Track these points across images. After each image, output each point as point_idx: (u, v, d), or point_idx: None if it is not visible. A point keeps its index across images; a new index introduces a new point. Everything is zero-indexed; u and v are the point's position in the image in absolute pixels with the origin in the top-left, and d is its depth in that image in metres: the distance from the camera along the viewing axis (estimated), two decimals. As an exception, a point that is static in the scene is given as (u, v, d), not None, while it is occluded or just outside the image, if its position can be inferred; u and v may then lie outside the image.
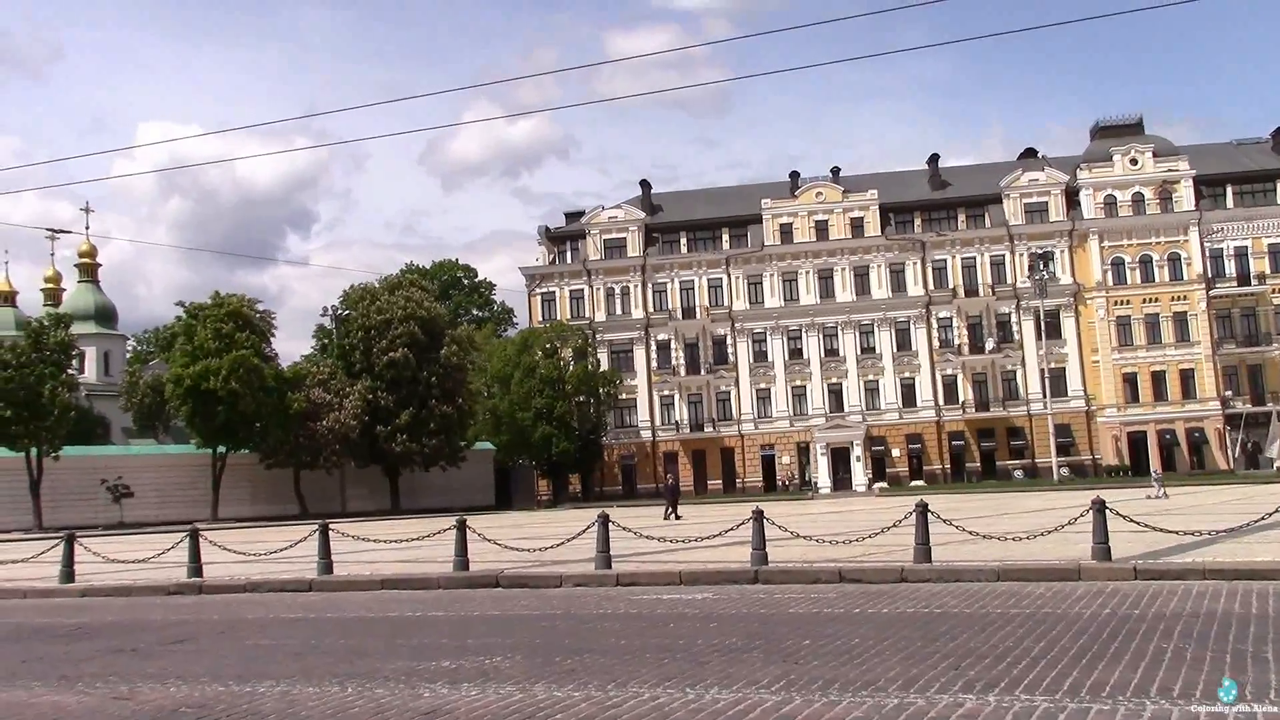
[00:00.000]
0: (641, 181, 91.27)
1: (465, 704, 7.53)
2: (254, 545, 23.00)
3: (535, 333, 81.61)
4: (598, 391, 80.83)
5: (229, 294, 67.50)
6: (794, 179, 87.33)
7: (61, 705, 8.19)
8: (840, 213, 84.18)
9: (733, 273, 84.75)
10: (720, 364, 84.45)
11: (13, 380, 58.03)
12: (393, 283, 75.10)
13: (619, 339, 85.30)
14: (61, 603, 17.53)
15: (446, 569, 17.57)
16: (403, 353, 69.06)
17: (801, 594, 13.75)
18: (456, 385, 72.12)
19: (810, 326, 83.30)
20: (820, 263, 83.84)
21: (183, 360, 63.20)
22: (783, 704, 7.09)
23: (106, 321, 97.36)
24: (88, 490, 62.46)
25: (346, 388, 67.98)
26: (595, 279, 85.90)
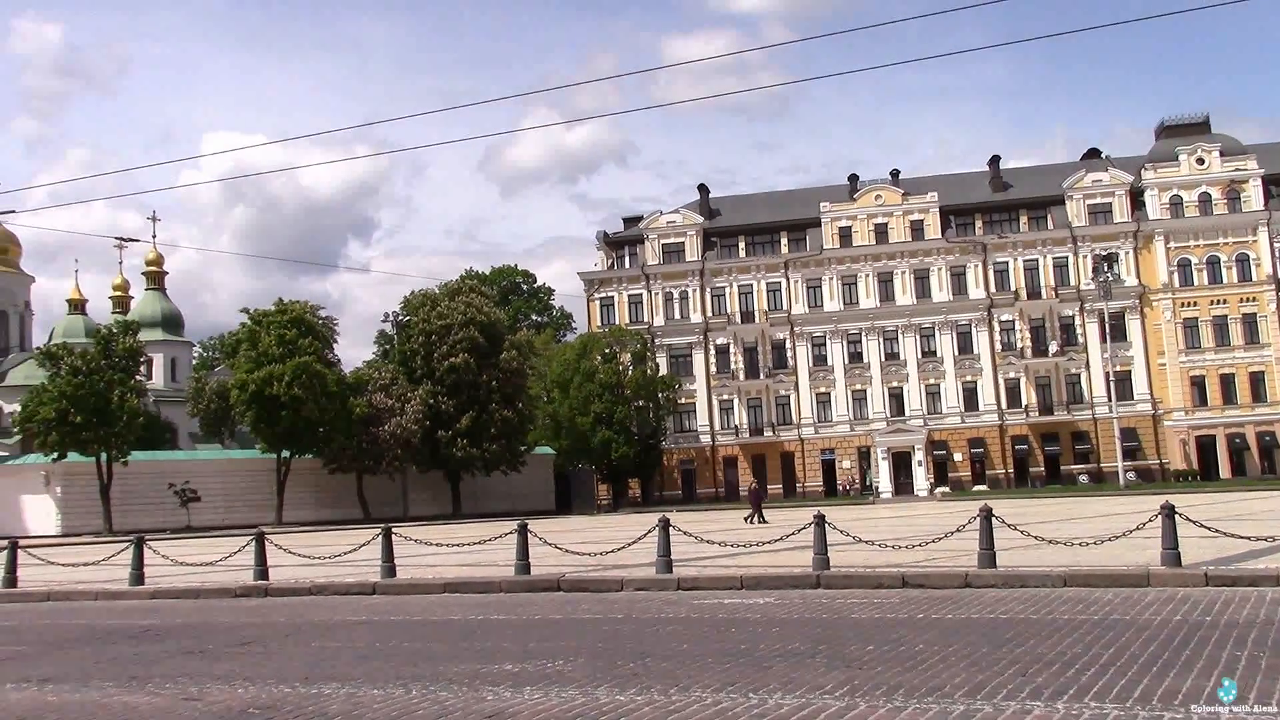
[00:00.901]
0: (699, 186, 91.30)
1: (528, 707, 7.55)
2: (318, 549, 23.24)
3: (594, 337, 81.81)
4: (656, 396, 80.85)
5: (292, 300, 68.28)
6: (853, 182, 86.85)
7: (133, 706, 8.32)
8: (900, 215, 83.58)
9: (791, 276, 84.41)
10: (779, 368, 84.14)
11: (83, 387, 59.05)
12: (453, 288, 75.57)
13: (677, 343, 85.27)
14: (132, 605, 17.82)
15: (508, 573, 17.64)
16: (463, 358, 69.45)
17: (864, 599, 13.65)
18: (516, 390, 72.42)
19: (870, 330, 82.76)
20: (880, 266, 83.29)
21: (247, 366, 64.00)
22: (847, 710, 7.04)
23: (173, 328, 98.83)
24: (156, 495, 63.43)
25: (408, 393, 68.48)
26: (654, 283, 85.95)
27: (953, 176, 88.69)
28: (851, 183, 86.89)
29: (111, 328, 66.33)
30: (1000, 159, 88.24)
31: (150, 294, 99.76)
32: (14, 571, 20.59)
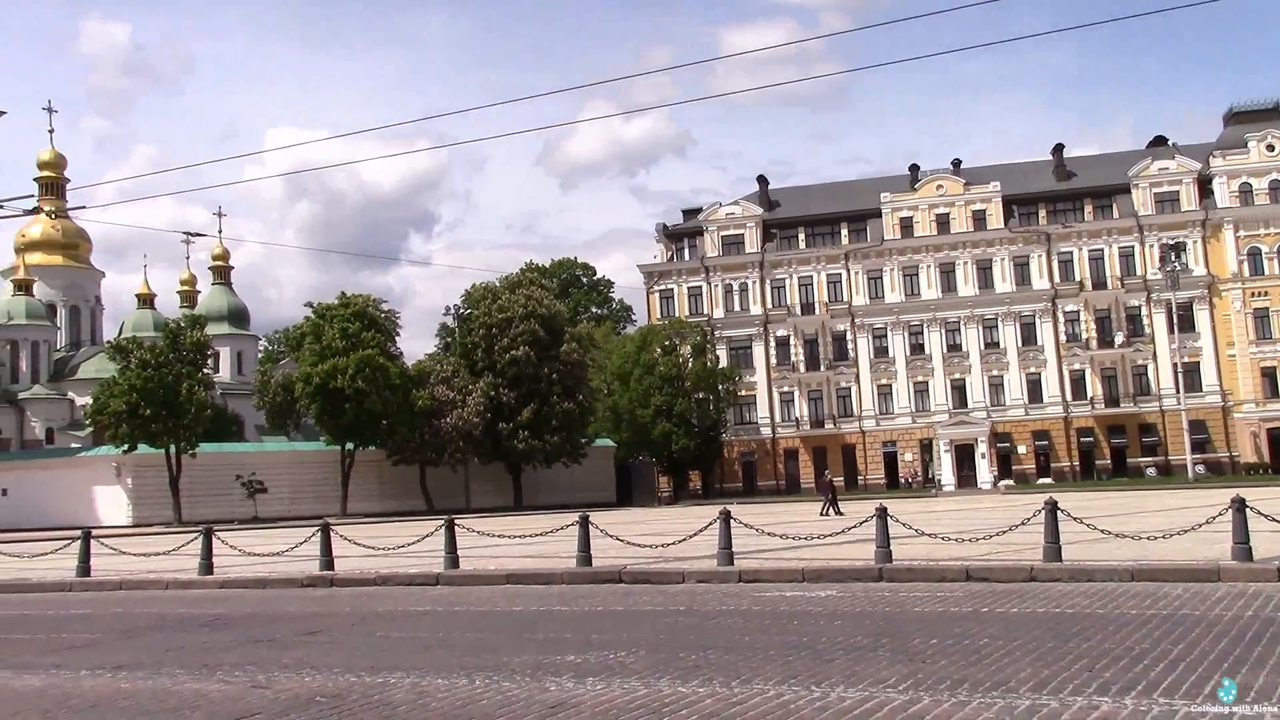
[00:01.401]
0: (759, 177, 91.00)
1: (591, 698, 7.59)
2: (382, 540, 23.49)
3: (654, 330, 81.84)
4: (717, 388, 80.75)
5: (355, 294, 68.98)
6: (914, 172, 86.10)
7: (203, 693, 8.47)
8: (962, 205, 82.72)
9: (852, 268, 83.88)
10: (840, 360, 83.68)
11: (152, 380, 60.10)
12: (513, 281, 75.94)
13: (737, 335, 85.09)
14: (201, 594, 18.13)
15: (570, 564, 17.72)
16: (524, 350, 69.80)
17: (927, 592, 13.55)
18: (577, 382, 72.67)
19: (932, 321, 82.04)
20: (942, 256, 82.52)
21: (311, 359, 64.78)
22: (910, 703, 7.00)
23: (239, 322, 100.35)
24: (223, 486, 64.43)
25: (469, 385, 68.96)
26: (713, 275, 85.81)
27: (1015, 166, 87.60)
28: (912, 173, 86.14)
29: (179, 322, 67.43)
30: (1064, 147, 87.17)
31: (217, 288, 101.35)
32: (87, 561, 21.01)
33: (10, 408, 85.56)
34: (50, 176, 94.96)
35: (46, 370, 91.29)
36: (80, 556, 21.04)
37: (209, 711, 7.70)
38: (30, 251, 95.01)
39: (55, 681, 9.34)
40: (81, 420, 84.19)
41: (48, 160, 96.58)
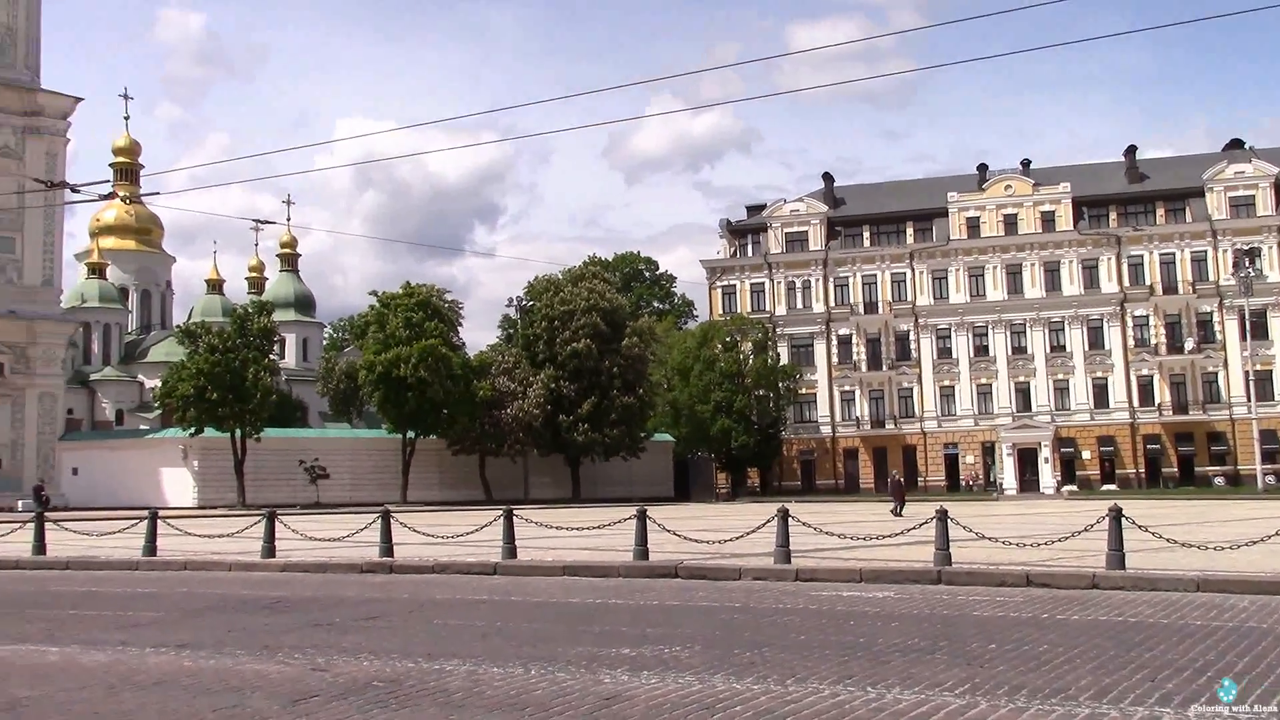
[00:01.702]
0: (824, 174, 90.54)
1: (645, 691, 7.60)
2: (441, 528, 23.68)
3: (715, 325, 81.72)
4: (777, 386, 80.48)
5: (419, 284, 69.53)
6: (982, 172, 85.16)
7: (263, 674, 8.60)
8: (1030, 206, 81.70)
9: (917, 267, 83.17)
10: (903, 360, 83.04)
11: (220, 364, 60.96)
12: (576, 274, 76.14)
13: (799, 333, 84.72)
14: (263, 576, 18.38)
15: (626, 558, 17.75)
16: (585, 343, 69.97)
17: (986, 597, 13.42)
18: (637, 376, 72.73)
19: (997, 323, 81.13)
20: (1009, 258, 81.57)
21: (375, 348, 65.40)
22: (968, 708, 6.94)
23: (305, 309, 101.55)
24: (287, 470, 65.23)
25: (530, 377, 69.25)
26: (776, 272, 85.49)
27: (1086, 167, 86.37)
28: (980, 172, 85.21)
29: (247, 307, 68.34)
30: (1137, 149, 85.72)
31: (284, 275, 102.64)
32: (154, 541, 21.39)
33: (82, 389, 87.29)
34: (125, 162, 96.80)
35: (117, 353, 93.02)
36: (147, 536, 21.43)
37: (269, 692, 7.82)
38: (104, 236, 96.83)
39: (121, 658, 9.52)
40: (150, 403, 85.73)
41: (123, 146, 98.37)
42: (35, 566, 21.05)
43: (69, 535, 25.96)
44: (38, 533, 22.70)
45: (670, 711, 6.98)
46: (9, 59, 67.30)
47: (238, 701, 7.49)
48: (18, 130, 66.96)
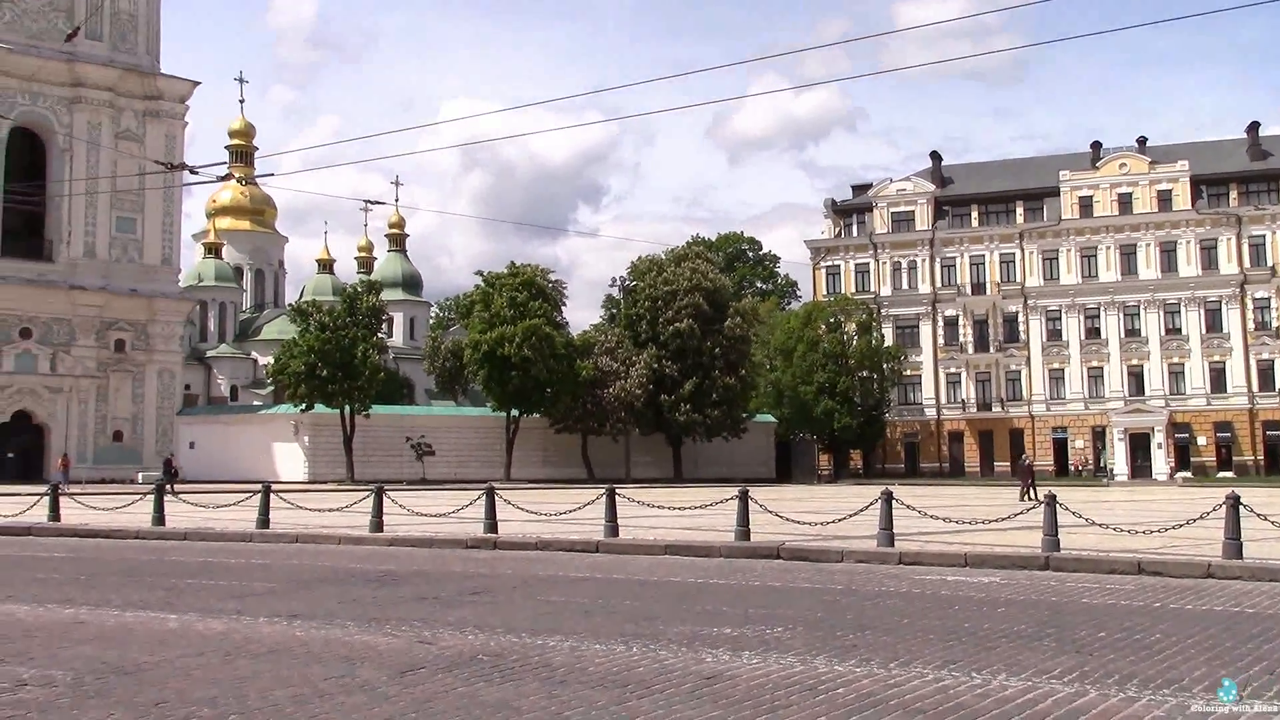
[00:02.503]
0: (932, 153, 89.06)
1: (747, 671, 7.61)
2: (544, 506, 23.93)
3: (819, 306, 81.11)
4: (881, 367, 79.65)
5: (524, 264, 70.07)
6: (1095, 149, 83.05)
7: (371, 645, 8.80)
8: (1146, 185, 79.45)
9: (1026, 247, 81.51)
10: (1011, 342, 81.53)
11: (330, 342, 62.22)
12: (679, 254, 76.04)
13: (904, 314, 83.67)
14: (371, 550, 18.78)
15: (728, 538, 17.76)
16: (688, 323, 69.93)
17: (1096, 584, 13.16)
18: (739, 357, 72.49)
19: (1110, 305, 79.17)
20: (1123, 238, 79.50)
21: (480, 327, 66.14)
22: (1076, 696, 6.82)
23: (412, 289, 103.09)
24: (394, 447, 66.38)
25: (633, 357, 69.46)
26: (881, 252, 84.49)
27: (1205, 144, 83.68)
28: (1094, 150, 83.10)
29: (356, 287, 69.59)
30: (1259, 125, 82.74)
31: (392, 255, 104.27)
32: (267, 514, 21.98)
33: (199, 365, 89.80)
34: (240, 145, 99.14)
35: (232, 330, 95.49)
36: (260, 509, 22.02)
37: (377, 663, 7.99)
38: (220, 216, 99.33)
39: (237, 626, 9.82)
40: (263, 379, 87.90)
41: (238, 129, 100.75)
42: (155, 537, 21.79)
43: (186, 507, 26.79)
44: (158, 504, 23.46)
45: (772, 692, 6.98)
46: (130, 44, 69.26)
47: (348, 671, 7.67)
48: (139, 114, 68.92)
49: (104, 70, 67.03)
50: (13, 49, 64.20)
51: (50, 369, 64.55)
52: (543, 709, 6.55)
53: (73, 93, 66.46)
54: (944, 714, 6.39)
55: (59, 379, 64.74)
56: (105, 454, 65.08)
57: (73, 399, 65.07)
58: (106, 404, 66.42)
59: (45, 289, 64.95)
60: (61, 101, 66.36)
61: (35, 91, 65.76)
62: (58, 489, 26.50)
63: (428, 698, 6.85)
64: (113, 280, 66.91)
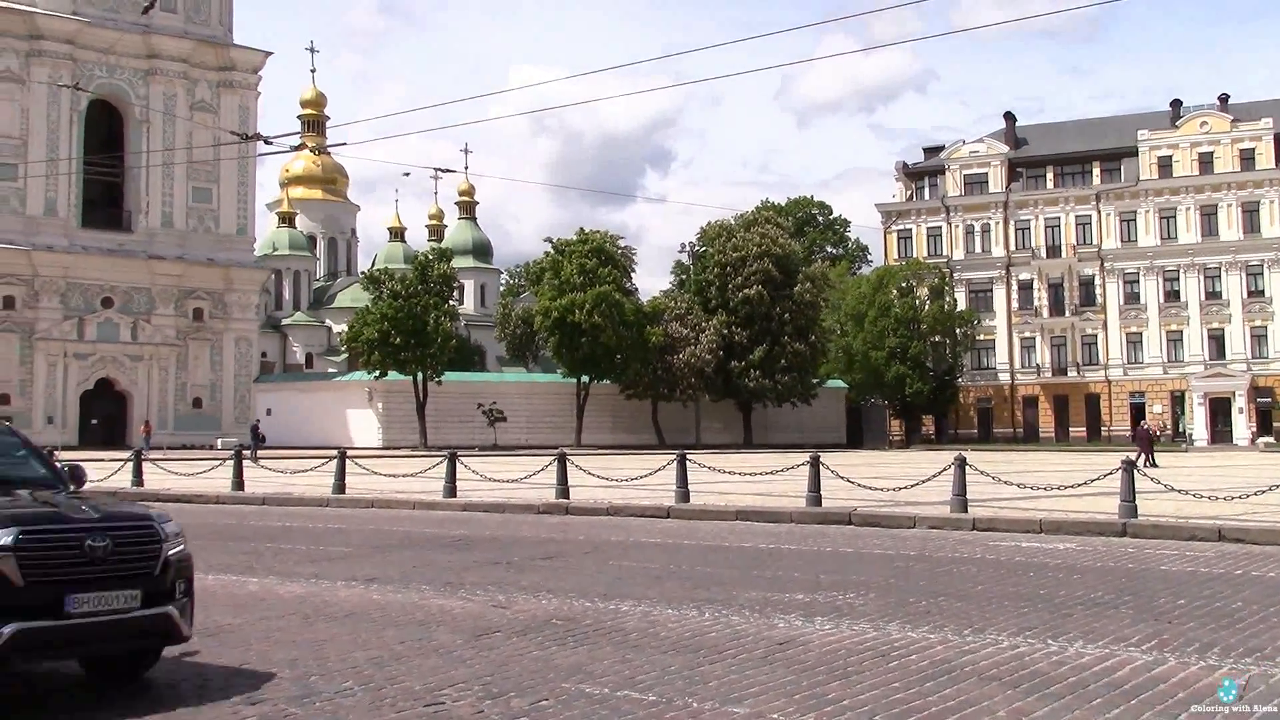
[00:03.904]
0: (1005, 114, 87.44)
1: (819, 637, 7.62)
2: (615, 471, 24.05)
3: (890, 271, 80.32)
4: (954, 332, 78.77)
5: (593, 230, 70.13)
6: (1175, 108, 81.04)
7: (448, 609, 8.93)
8: (1228, 144, 77.42)
9: (1103, 209, 79.93)
10: (1087, 305, 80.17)
11: (402, 310, 62.86)
12: (748, 220, 75.65)
13: (977, 278, 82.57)
14: (445, 515, 19.02)
15: (799, 504, 17.74)
16: (757, 289, 69.63)
17: (1175, 551, 12.97)
18: (809, 323, 72.08)
19: (1190, 267, 77.47)
20: (1203, 198, 77.62)
21: (550, 294, 66.41)
22: (1154, 664, 6.75)
23: (483, 256, 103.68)
24: (466, 413, 67.01)
25: (702, 323, 69.36)
26: (954, 216, 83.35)
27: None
28: (1173, 109, 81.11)
29: (428, 255, 70.14)
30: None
31: (462, 223, 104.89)
32: (343, 479, 22.33)
33: (275, 333, 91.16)
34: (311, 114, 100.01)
35: (307, 298, 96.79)
36: (336, 475, 22.38)
37: (453, 626, 8.11)
38: (293, 186, 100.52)
39: (315, 590, 10.01)
40: (337, 346, 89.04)
41: (309, 99, 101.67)
42: (235, 501, 22.24)
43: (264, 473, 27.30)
44: (237, 469, 23.93)
45: (845, 658, 6.98)
46: (204, 16, 70.15)
47: (424, 635, 7.80)
48: (213, 85, 69.88)
49: (179, 42, 67.97)
50: (91, 22, 65.32)
51: (131, 337, 65.95)
52: (616, 673, 6.61)
53: (149, 64, 67.47)
54: (1019, 681, 6.35)
55: (140, 347, 66.12)
56: (185, 420, 66.44)
57: (153, 367, 66.46)
58: (185, 371, 67.74)
59: (125, 259, 66.24)
60: (138, 73, 67.41)
61: (112, 64, 66.86)
62: (140, 455, 27.12)
63: (503, 661, 6.94)
64: (190, 250, 68.08)
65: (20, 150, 63.04)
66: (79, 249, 64.72)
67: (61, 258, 63.79)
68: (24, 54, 63.76)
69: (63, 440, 57.36)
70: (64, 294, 64.23)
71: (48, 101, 63.42)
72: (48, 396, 63.29)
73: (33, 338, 62.94)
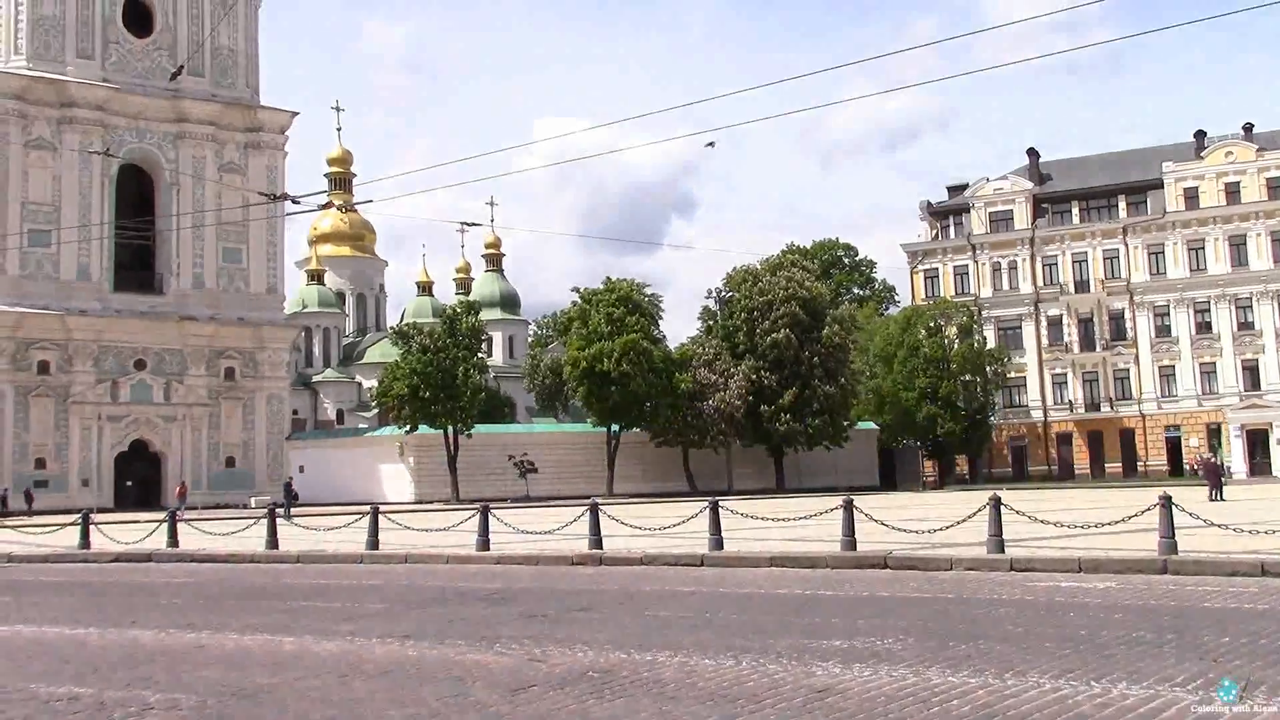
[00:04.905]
0: (1028, 150, 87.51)
1: (858, 684, 7.53)
2: (647, 520, 23.96)
3: (918, 310, 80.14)
4: (984, 370, 78.38)
5: (619, 279, 70.38)
6: (1199, 139, 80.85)
7: (483, 664, 8.89)
8: (1255, 173, 77.09)
9: (1130, 242, 79.62)
10: (1118, 340, 79.68)
11: (431, 364, 63.18)
12: (774, 263, 75.76)
13: (1006, 315, 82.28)
14: (478, 569, 18.96)
15: (834, 548, 17.61)
16: (785, 333, 69.60)
17: (1217, 588, 12.78)
18: (839, 365, 71.94)
19: (1220, 298, 76.93)
20: (1231, 228, 77.20)
21: (578, 343, 66.59)
22: (1202, 703, 6.64)
23: (510, 307, 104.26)
24: (497, 465, 67.06)
25: (731, 368, 69.32)
26: (980, 253, 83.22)
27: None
28: (1198, 139, 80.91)
29: (455, 308, 70.58)
30: (1374, 106, 79.80)
31: (489, 275, 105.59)
32: (376, 535, 22.33)
33: (305, 390, 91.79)
34: (338, 172, 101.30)
35: (336, 355, 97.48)
36: (370, 531, 22.37)
37: (489, 682, 8.07)
38: (322, 243, 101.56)
39: (350, 647, 9.99)
40: (368, 402, 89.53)
41: (336, 157, 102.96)
42: (269, 560, 22.27)
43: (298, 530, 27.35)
44: (271, 527, 23.99)
45: (885, 705, 6.90)
46: (231, 79, 71.19)
47: (460, 691, 7.76)
48: (241, 146, 70.78)
49: (207, 105, 68.97)
50: (121, 89, 66.40)
51: (164, 398, 66.45)
52: (654, 725, 6.55)
53: (178, 128, 68.44)
54: (1063, 725, 6.26)
55: (173, 408, 66.60)
56: (218, 479, 66.74)
57: (186, 427, 66.88)
58: (218, 431, 68.12)
59: (157, 321, 66.89)
60: (167, 137, 68.38)
61: (142, 129, 67.86)
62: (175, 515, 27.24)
63: (540, 716, 6.90)
64: (221, 310, 68.69)
65: (53, 216, 63.95)
66: (112, 312, 65.39)
67: (95, 321, 64.46)
68: (56, 121, 64.83)
69: (98, 503, 57.68)
70: (97, 357, 64.85)
71: (79, 167, 64.36)
72: (83, 460, 63.74)
73: (67, 401, 63.52)
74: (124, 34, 67.88)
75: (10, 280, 63.09)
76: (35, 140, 64.42)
